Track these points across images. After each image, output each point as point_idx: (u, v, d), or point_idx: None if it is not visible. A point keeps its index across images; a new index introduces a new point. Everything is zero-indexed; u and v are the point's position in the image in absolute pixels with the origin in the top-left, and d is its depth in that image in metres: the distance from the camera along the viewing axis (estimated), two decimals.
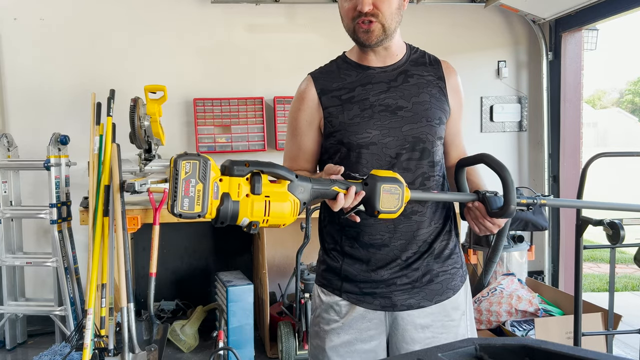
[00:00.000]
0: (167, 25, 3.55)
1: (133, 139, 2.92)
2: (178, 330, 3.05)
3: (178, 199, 0.91)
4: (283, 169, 1.02)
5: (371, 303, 1.31)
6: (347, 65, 1.34)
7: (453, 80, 1.35)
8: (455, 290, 1.34)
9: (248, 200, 0.97)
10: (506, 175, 1.13)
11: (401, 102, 1.28)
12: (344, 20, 1.27)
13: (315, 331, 1.39)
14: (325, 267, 1.38)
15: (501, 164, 1.15)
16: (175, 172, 0.92)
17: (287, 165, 1.39)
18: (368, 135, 1.26)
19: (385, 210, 1.08)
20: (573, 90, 3.75)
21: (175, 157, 0.92)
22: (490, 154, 1.21)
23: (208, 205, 0.93)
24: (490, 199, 1.17)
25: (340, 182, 1.08)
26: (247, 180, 0.98)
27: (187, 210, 0.92)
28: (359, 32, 1.24)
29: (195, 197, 0.92)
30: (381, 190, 1.07)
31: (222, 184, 0.96)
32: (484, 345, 0.64)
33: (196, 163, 0.92)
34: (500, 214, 1.15)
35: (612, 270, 2.28)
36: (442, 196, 1.20)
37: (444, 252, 1.33)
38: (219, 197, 0.95)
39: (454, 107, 1.35)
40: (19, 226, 3.24)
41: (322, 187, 1.06)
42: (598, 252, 5.99)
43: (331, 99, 1.30)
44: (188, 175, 0.92)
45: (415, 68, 1.33)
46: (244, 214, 0.97)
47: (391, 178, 1.10)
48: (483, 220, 1.20)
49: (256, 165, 0.99)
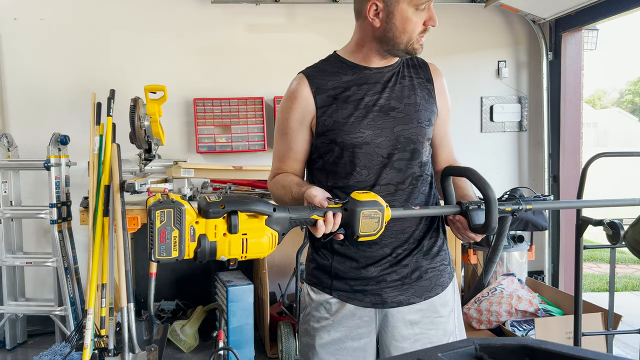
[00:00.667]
0: (167, 25, 3.55)
1: (133, 139, 2.92)
2: (178, 330, 3.05)
3: (155, 247, 0.95)
4: (260, 204, 1.03)
5: (362, 300, 1.32)
6: (342, 64, 1.34)
7: (439, 82, 1.38)
8: (443, 286, 1.36)
9: (225, 239, 1.00)
10: (489, 193, 1.14)
11: (394, 102, 1.30)
12: (405, 32, 1.25)
13: (305, 329, 1.40)
14: (315, 266, 1.38)
15: (484, 181, 1.16)
16: (151, 222, 0.95)
17: (276, 166, 1.39)
18: (361, 135, 1.27)
19: (364, 234, 1.10)
20: (573, 90, 3.75)
21: (150, 207, 0.95)
22: (475, 169, 1.22)
23: (185, 248, 0.97)
24: (473, 213, 1.17)
25: (319, 209, 1.09)
26: (223, 219, 1.00)
27: (164, 257, 0.95)
28: (416, 45, 1.27)
29: (171, 243, 0.95)
30: (360, 216, 1.08)
31: (199, 226, 0.98)
32: (484, 345, 0.64)
33: (170, 211, 0.95)
34: (481, 230, 1.16)
35: (612, 270, 2.29)
36: (424, 211, 1.22)
37: (433, 248, 1.35)
38: (195, 239, 0.98)
39: (442, 109, 1.38)
40: (19, 226, 3.24)
41: (300, 217, 1.08)
42: (598, 252, 5.99)
43: (326, 98, 1.30)
44: (163, 223, 0.95)
45: (407, 70, 1.35)
46: (221, 253, 1.00)
47: (371, 202, 1.10)
48: (466, 231, 1.22)
49: (232, 204, 1.00)
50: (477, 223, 1.16)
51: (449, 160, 1.42)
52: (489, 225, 1.13)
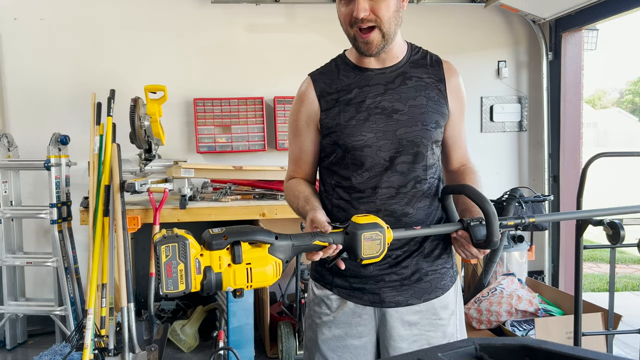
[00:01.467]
0: (167, 25, 3.55)
1: (133, 139, 2.92)
2: (178, 330, 3.05)
3: (162, 281, 0.97)
4: (261, 234, 1.05)
5: (360, 298, 1.33)
6: (346, 66, 1.33)
7: (454, 82, 1.33)
8: (444, 289, 1.35)
9: (230, 270, 1.01)
10: (487, 207, 1.13)
11: (397, 105, 1.27)
12: (343, 26, 1.25)
13: (309, 324, 1.42)
14: (318, 262, 1.39)
15: (481, 196, 1.16)
16: (157, 257, 0.96)
17: (291, 168, 1.42)
18: (363, 138, 1.26)
19: (367, 256, 1.11)
20: (573, 90, 3.75)
21: (155, 242, 0.97)
22: (471, 186, 1.22)
23: (192, 281, 0.98)
24: (475, 228, 1.17)
25: (320, 235, 1.11)
26: (227, 250, 1.02)
27: (172, 291, 0.97)
28: (359, 43, 1.23)
29: (178, 277, 0.97)
30: (362, 239, 1.10)
31: (203, 258, 1.00)
32: (484, 345, 0.64)
33: (175, 245, 0.97)
34: (484, 245, 1.16)
35: (612, 270, 2.29)
36: (425, 231, 1.21)
37: (434, 251, 1.34)
38: (201, 271, 0.99)
39: (455, 109, 1.34)
40: (19, 226, 3.24)
41: (302, 244, 1.09)
42: (598, 252, 5.99)
43: (329, 100, 1.30)
44: (169, 258, 0.97)
45: (414, 70, 1.31)
46: (227, 284, 1.01)
47: (372, 224, 1.11)
48: (469, 247, 1.21)
49: (234, 235, 1.02)
50: (479, 238, 1.17)
51: (462, 161, 1.41)
52: (491, 239, 1.13)
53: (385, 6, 1.18)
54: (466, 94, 1.39)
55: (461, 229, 1.20)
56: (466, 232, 1.19)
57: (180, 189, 2.90)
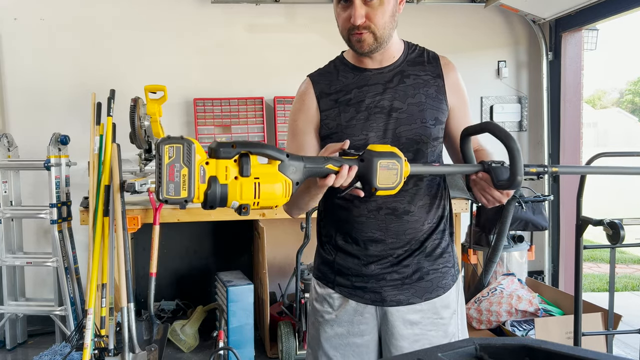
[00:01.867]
0: (167, 25, 3.55)
1: (133, 139, 2.92)
2: (178, 330, 3.05)
3: (163, 184, 0.89)
4: (272, 149, 0.99)
5: (362, 297, 1.33)
6: (345, 66, 1.34)
7: (452, 77, 1.34)
8: (446, 288, 1.35)
9: (237, 182, 0.94)
10: (512, 144, 1.09)
11: (396, 103, 1.28)
12: (339, 27, 1.27)
13: (312, 321, 1.43)
14: (321, 260, 1.41)
15: (506, 133, 1.11)
16: (159, 158, 0.89)
17: None
18: (364, 137, 1.26)
19: (382, 186, 1.05)
20: (573, 90, 3.75)
21: (158, 142, 0.91)
22: (494, 122, 1.16)
23: (195, 189, 0.91)
24: (497, 169, 1.12)
25: (334, 159, 1.05)
26: (235, 162, 0.95)
27: (172, 196, 0.90)
28: (353, 41, 1.24)
29: (180, 182, 0.90)
30: (378, 166, 1.04)
31: (209, 167, 0.93)
32: (484, 345, 0.64)
33: (179, 147, 0.90)
34: (507, 185, 1.10)
35: (612, 270, 2.29)
36: (445, 169, 1.16)
37: (436, 250, 1.34)
38: (205, 180, 0.92)
39: (455, 104, 1.34)
40: (19, 226, 3.24)
41: (315, 166, 1.02)
42: (598, 252, 5.99)
43: (328, 101, 1.31)
44: (172, 160, 0.90)
45: (412, 68, 1.32)
46: (232, 197, 0.94)
47: (389, 153, 1.06)
48: (491, 190, 1.16)
49: (243, 146, 0.95)
50: (501, 179, 1.11)
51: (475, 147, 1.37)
52: (515, 178, 1.07)
53: (380, 13, 1.20)
54: (466, 92, 1.39)
55: (482, 170, 1.15)
56: (487, 174, 1.14)
57: None
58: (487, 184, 1.15)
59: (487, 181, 1.15)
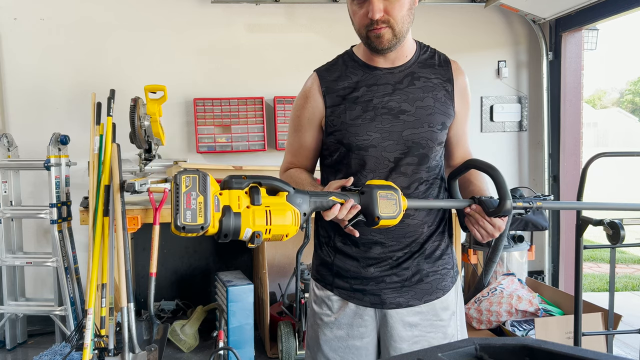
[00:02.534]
0: (167, 25, 3.55)
1: (133, 139, 2.92)
2: (178, 330, 3.05)
3: (180, 211, 0.93)
4: (280, 181, 1.05)
5: (361, 300, 1.32)
6: (354, 63, 1.32)
7: (461, 82, 1.34)
8: (445, 290, 1.35)
9: (249, 211, 0.99)
10: (496, 175, 1.15)
11: (405, 105, 1.26)
12: (355, 25, 1.24)
13: (311, 324, 1.42)
14: (319, 262, 1.40)
15: (490, 165, 1.18)
16: (177, 187, 0.94)
17: (288, 159, 1.41)
18: (368, 138, 1.25)
19: (385, 215, 1.09)
20: (573, 90, 3.75)
21: (176, 173, 0.96)
22: (476, 158, 1.23)
23: (210, 217, 0.94)
24: (487, 201, 1.18)
25: (337, 193, 1.11)
26: (246, 193, 1.01)
27: (190, 222, 0.93)
28: (372, 37, 1.20)
29: (197, 209, 0.94)
30: (377, 197, 1.09)
31: (222, 197, 0.99)
32: (484, 345, 0.64)
33: (195, 177, 0.96)
34: (497, 211, 1.15)
35: (612, 270, 2.29)
36: (438, 203, 1.22)
37: (435, 252, 1.33)
38: (220, 209, 0.97)
39: (460, 109, 1.34)
40: (19, 226, 3.24)
41: (320, 199, 1.08)
42: (598, 252, 5.99)
43: (335, 97, 1.28)
44: (189, 188, 0.94)
45: (422, 70, 1.30)
46: (246, 225, 0.98)
47: (386, 186, 1.12)
48: (484, 223, 1.19)
49: (253, 177, 1.02)
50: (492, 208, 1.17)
51: (465, 157, 1.40)
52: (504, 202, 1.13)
53: (399, 6, 1.17)
54: (471, 98, 1.40)
55: (474, 203, 1.20)
56: (479, 205, 1.18)
57: None
58: (480, 216, 1.19)
59: (480, 212, 1.19)
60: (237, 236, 0.98)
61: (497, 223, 1.18)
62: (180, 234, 0.93)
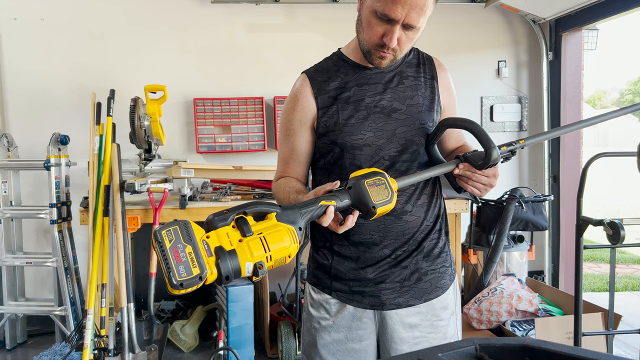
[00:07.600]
0: (167, 25, 3.55)
1: (133, 139, 2.92)
2: (178, 330, 3.05)
3: (172, 268, 0.86)
4: (265, 204, 0.98)
5: (360, 302, 1.32)
6: (344, 63, 1.32)
7: (444, 78, 1.36)
8: (444, 289, 1.35)
9: (243, 244, 0.92)
10: (474, 126, 1.16)
11: (396, 104, 1.28)
12: (365, 35, 1.21)
13: (307, 328, 1.40)
14: (316, 265, 1.39)
15: (464, 119, 1.19)
16: (160, 245, 0.87)
17: (280, 169, 1.38)
18: (362, 137, 1.26)
19: (379, 202, 1.05)
20: (573, 90, 3.75)
21: (154, 231, 0.90)
22: (446, 117, 1.27)
23: (205, 264, 0.88)
24: (472, 155, 1.17)
25: (324, 197, 1.05)
26: (233, 227, 0.94)
27: (185, 277, 0.86)
28: (374, 56, 1.22)
29: (188, 260, 0.87)
30: (366, 186, 1.06)
31: (211, 239, 0.92)
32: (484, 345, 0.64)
33: (176, 228, 0.89)
34: (486, 162, 1.14)
35: (612, 270, 2.29)
36: (426, 174, 1.18)
37: (434, 250, 1.33)
38: (212, 253, 0.90)
39: (447, 104, 1.36)
40: (19, 226, 3.24)
41: (309, 208, 1.02)
42: (598, 252, 5.99)
43: (327, 99, 1.29)
44: (173, 242, 0.87)
45: (410, 69, 1.32)
46: (244, 260, 0.91)
47: (370, 173, 1.09)
48: (477, 177, 1.18)
49: (237, 209, 0.96)
50: (480, 160, 1.15)
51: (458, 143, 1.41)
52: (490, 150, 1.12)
53: (411, 40, 1.20)
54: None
55: (460, 162, 1.19)
56: (466, 161, 1.18)
57: (180, 189, 2.91)
58: (471, 172, 1.18)
59: (470, 169, 1.17)
60: (239, 274, 0.91)
61: (490, 172, 1.18)
62: (180, 292, 0.86)
